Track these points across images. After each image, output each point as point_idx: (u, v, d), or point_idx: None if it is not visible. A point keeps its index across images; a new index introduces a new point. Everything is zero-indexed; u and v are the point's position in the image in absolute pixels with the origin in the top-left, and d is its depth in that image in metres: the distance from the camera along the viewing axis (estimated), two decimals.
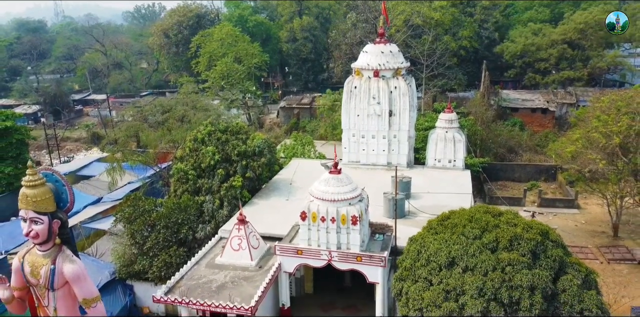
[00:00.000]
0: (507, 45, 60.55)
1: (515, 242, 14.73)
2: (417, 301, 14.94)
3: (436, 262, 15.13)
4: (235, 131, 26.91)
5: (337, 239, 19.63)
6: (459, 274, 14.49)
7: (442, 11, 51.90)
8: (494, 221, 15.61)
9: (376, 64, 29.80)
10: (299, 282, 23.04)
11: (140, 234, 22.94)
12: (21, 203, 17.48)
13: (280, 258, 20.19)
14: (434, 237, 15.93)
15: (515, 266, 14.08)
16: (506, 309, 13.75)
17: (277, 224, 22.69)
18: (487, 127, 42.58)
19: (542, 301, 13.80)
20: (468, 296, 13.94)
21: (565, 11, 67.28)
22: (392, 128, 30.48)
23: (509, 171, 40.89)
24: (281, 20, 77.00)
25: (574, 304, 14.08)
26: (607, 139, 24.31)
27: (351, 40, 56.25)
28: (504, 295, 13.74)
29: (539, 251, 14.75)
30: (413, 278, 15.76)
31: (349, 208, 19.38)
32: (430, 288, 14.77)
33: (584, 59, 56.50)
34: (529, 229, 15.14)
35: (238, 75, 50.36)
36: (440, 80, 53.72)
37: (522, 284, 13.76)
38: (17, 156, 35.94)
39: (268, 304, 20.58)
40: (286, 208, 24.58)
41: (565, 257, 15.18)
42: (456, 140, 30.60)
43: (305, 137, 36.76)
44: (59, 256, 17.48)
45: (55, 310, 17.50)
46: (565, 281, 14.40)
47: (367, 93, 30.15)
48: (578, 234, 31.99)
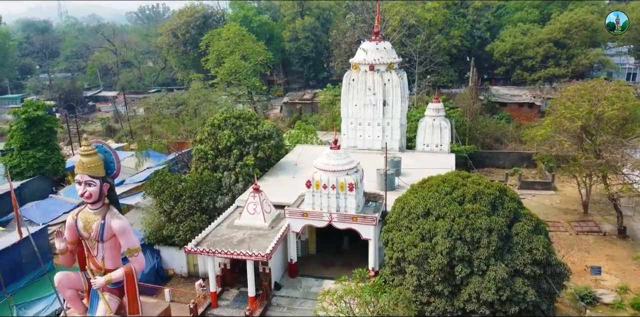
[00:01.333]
0: (497, 44, 64.33)
1: (478, 197, 18.52)
2: (399, 244, 18.73)
3: (415, 213, 18.92)
4: (247, 117, 30.71)
5: (336, 203, 23.44)
6: (433, 221, 18.27)
7: (435, 12, 55.71)
8: (463, 181, 19.41)
9: (372, 59, 33.59)
10: (304, 245, 26.80)
11: (167, 204, 26.73)
12: (77, 169, 23.38)
13: (289, 220, 23.99)
14: (414, 195, 19.73)
15: (477, 214, 17.86)
16: (469, 246, 17.51)
17: (285, 195, 26.39)
18: (474, 118, 46.36)
19: (498, 240, 17.57)
20: (439, 236, 17.71)
21: (553, 12, 71.17)
22: (386, 116, 34.25)
23: (494, 159, 44.72)
24: (284, 21, 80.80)
25: (525, 244, 17.85)
26: (571, 123, 28.09)
27: (350, 39, 59.95)
28: (467, 235, 17.52)
29: (497, 203, 18.54)
30: (397, 228, 19.55)
31: (346, 177, 23.18)
32: (410, 233, 18.55)
33: (569, 57, 60.21)
34: (490, 187, 18.93)
35: (245, 71, 54.14)
36: (434, 76, 57.54)
37: (482, 227, 17.54)
38: (47, 143, 39.64)
39: (279, 259, 24.38)
40: (292, 184, 28.28)
41: (520, 209, 18.98)
42: (442, 127, 34.40)
43: (308, 126, 40.52)
44: (108, 213, 22.30)
45: (103, 259, 21.55)
46: (518, 226, 18.19)
47: (363, 85, 33.94)
48: (552, 212, 35.82)
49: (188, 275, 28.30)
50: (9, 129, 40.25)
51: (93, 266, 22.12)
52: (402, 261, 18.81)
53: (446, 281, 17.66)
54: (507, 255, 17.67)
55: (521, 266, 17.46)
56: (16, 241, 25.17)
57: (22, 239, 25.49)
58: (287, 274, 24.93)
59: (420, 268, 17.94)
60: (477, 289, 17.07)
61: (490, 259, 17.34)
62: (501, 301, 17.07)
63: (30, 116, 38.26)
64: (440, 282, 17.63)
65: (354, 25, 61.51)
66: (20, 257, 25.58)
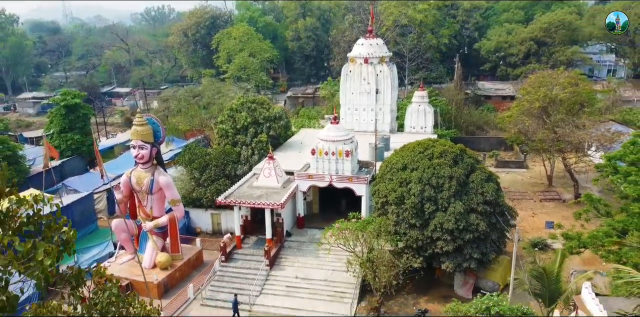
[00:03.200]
0: (484, 43, 70.21)
1: (443, 154, 24.22)
2: (383, 191, 24.43)
3: (395, 168, 24.63)
4: (260, 102, 36.43)
5: (335, 167, 29.14)
6: (408, 172, 23.97)
7: (425, 13, 61.44)
8: (432, 143, 25.13)
9: (366, 53, 39.31)
10: (309, 205, 32.47)
11: (197, 172, 32.44)
12: (132, 135, 31.35)
13: (298, 181, 29.68)
14: (396, 155, 25.45)
15: (442, 166, 23.55)
16: (435, 189, 23.20)
17: (293, 165, 31.99)
18: (458, 108, 52.05)
19: (457, 185, 23.28)
20: (413, 183, 23.41)
21: (537, 13, 76.95)
22: (378, 103, 39.94)
23: (475, 143, 50.32)
24: (286, 21, 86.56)
25: (478, 189, 23.55)
26: (530, 105, 33.80)
27: (349, 38, 65.68)
28: (433, 181, 23.22)
29: (458, 159, 24.25)
30: (382, 181, 25.26)
31: (344, 146, 28.89)
32: (391, 182, 24.25)
33: (549, 54, 65.95)
34: (453, 147, 24.65)
35: (253, 67, 59.89)
36: (424, 72, 63.27)
37: (445, 175, 23.24)
38: (82, 127, 45.42)
39: (289, 213, 30.07)
40: (298, 157, 33.96)
41: (476, 164, 24.69)
42: (426, 112, 40.13)
43: (311, 113, 46.23)
44: (156, 171, 29.08)
45: (151, 208, 27.48)
46: (474, 176, 23.90)
47: (359, 76, 39.64)
48: (523, 185, 41.56)
49: (212, 232, 34.03)
50: (49, 115, 46.07)
51: (143, 214, 28.33)
52: (386, 204, 24.53)
53: (418, 216, 23.36)
54: (464, 196, 23.37)
55: (475, 204, 23.16)
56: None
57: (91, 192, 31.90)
58: (296, 226, 30.64)
59: (399, 207, 23.66)
60: (441, 221, 22.77)
61: (451, 198, 23.05)
62: (459, 229, 22.78)
63: (69, 103, 44.05)
64: (414, 217, 23.33)
65: (352, 25, 67.29)
66: (74, 214, 31.27)
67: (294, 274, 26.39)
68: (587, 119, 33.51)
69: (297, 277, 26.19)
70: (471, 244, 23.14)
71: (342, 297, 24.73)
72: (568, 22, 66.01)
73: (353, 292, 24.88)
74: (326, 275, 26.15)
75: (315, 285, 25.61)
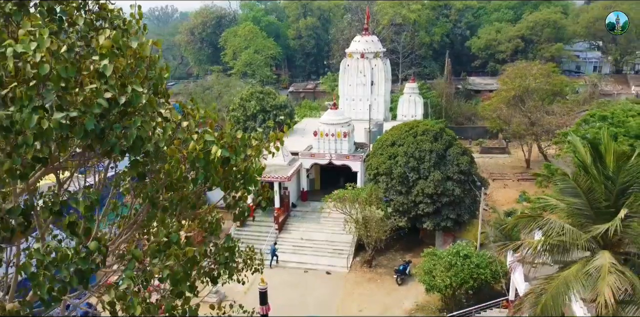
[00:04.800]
0: (474, 41, 74.58)
1: (425, 132, 28.68)
2: (374, 164, 28.93)
3: (385, 144, 29.11)
4: (268, 92, 40.93)
5: (335, 147, 33.62)
6: (396, 147, 28.46)
7: (418, 13, 65.91)
8: (417, 124, 29.62)
9: (362, 49, 43.78)
10: (311, 182, 36.94)
11: None
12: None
13: (302, 159, 34.16)
14: (386, 134, 29.94)
15: (424, 142, 28.02)
16: (417, 161, 27.65)
17: (297, 147, 36.47)
18: (448, 100, 56.51)
19: (436, 157, 27.75)
20: (399, 156, 27.89)
21: (525, 12, 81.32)
22: (373, 94, 44.40)
23: (463, 132, 54.69)
24: (288, 21, 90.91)
25: (454, 160, 28.02)
26: (507, 93, 38.28)
27: (347, 36, 70.04)
28: (416, 154, 27.69)
29: (437, 136, 28.72)
30: (374, 156, 29.75)
31: (342, 128, 33.36)
32: (382, 156, 28.74)
33: (535, 51, 70.36)
34: (434, 126, 29.15)
35: (258, 63, 64.38)
36: (417, 68, 67.72)
37: (426, 149, 27.70)
38: None
39: (294, 187, 34.53)
40: (301, 141, 38.41)
41: (454, 141, 29.16)
42: (416, 102, 44.61)
43: (312, 104, 50.74)
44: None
45: None
46: (451, 150, 28.38)
47: (356, 69, 44.10)
48: (504, 168, 46.03)
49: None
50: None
51: None
52: (377, 175, 29.03)
53: (403, 184, 27.85)
54: (442, 167, 27.86)
55: (451, 173, 27.64)
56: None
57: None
58: (300, 199, 35.13)
59: (387, 177, 28.16)
60: (422, 187, 27.25)
61: (431, 169, 27.53)
62: (437, 194, 27.27)
63: None
64: (400, 184, 27.82)
65: (350, 24, 71.74)
66: None
67: (300, 237, 30.89)
68: (557, 106, 37.94)
69: (302, 238, 30.70)
70: (448, 207, 27.65)
71: (340, 253, 29.25)
72: (553, 20, 70.41)
73: (349, 249, 29.40)
74: (327, 237, 30.66)
75: (317, 244, 30.13)
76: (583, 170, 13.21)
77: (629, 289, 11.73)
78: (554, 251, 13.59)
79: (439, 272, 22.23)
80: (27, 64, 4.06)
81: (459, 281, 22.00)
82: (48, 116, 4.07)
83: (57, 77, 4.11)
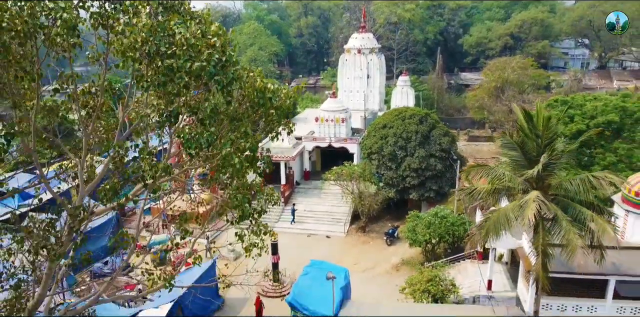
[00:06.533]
0: (466, 39, 78.92)
1: (412, 116, 33.02)
2: (368, 145, 33.27)
3: (378, 127, 33.46)
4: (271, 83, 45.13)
5: (334, 131, 37.95)
6: (387, 129, 32.80)
7: (413, 12, 70.21)
8: (406, 109, 33.96)
9: (359, 45, 48.08)
10: (313, 164, 41.28)
11: None
12: None
13: (305, 142, 38.51)
14: (378, 118, 34.28)
15: (410, 124, 32.36)
16: (405, 141, 31.98)
17: (300, 132, 40.76)
18: (439, 94, 60.83)
19: (421, 137, 32.10)
20: (389, 137, 32.22)
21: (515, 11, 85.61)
22: (369, 86, 48.71)
23: (452, 122, 58.99)
24: (290, 20, 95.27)
25: (437, 140, 32.35)
26: (488, 84, 42.61)
27: (346, 34, 74.41)
28: (404, 135, 32.03)
29: (423, 119, 33.06)
30: (368, 138, 34.09)
31: (340, 114, 37.71)
32: (374, 137, 33.09)
33: (523, 48, 74.63)
34: (420, 111, 33.48)
35: (262, 59, 68.70)
36: (411, 64, 72.02)
37: (412, 130, 32.04)
38: None
39: (298, 167, 38.87)
40: (304, 127, 42.74)
41: (437, 124, 33.51)
42: (408, 94, 48.93)
43: (313, 97, 55.05)
44: None
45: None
46: (434, 131, 32.73)
47: (353, 64, 48.41)
48: (488, 154, 50.25)
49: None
50: None
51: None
52: (370, 154, 33.38)
53: (392, 160, 32.20)
54: (427, 146, 32.21)
55: (434, 151, 32.00)
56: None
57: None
58: (303, 178, 39.48)
59: (379, 155, 32.51)
60: (409, 163, 31.60)
61: (417, 147, 31.88)
62: (422, 169, 31.62)
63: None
64: (390, 161, 32.17)
65: (349, 22, 76.02)
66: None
67: (303, 209, 35.23)
68: (533, 96, 42.26)
69: (305, 210, 35.04)
70: (431, 180, 32.02)
71: (338, 221, 33.61)
72: (540, 19, 74.66)
73: (346, 218, 33.79)
74: (326, 209, 35.03)
75: (318, 215, 34.49)
76: (520, 130, 17.55)
77: (547, 212, 16.10)
78: (500, 193, 17.95)
79: (420, 229, 26.59)
80: (182, 38, 8.37)
81: (436, 236, 26.36)
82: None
83: (195, 46, 8.44)
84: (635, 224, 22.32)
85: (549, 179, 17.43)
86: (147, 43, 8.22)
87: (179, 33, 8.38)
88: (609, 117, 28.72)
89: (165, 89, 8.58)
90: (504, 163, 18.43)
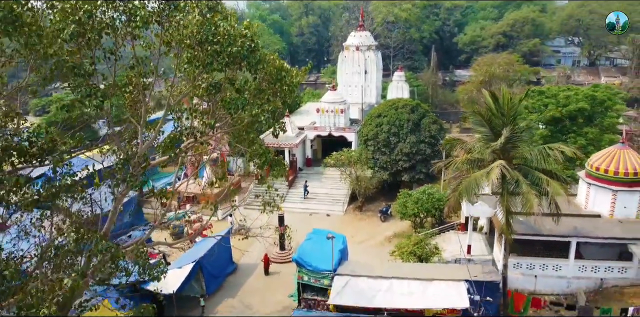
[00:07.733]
0: (461, 37, 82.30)
1: (404, 106, 36.44)
2: (364, 132, 36.70)
3: (373, 116, 36.88)
4: None
5: (334, 121, 41.38)
6: (382, 118, 36.22)
7: (409, 11, 73.63)
8: (399, 100, 37.38)
9: (357, 42, 51.48)
10: (314, 152, 44.70)
11: None
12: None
13: (307, 132, 41.94)
14: (374, 109, 37.71)
15: (402, 113, 35.77)
16: (397, 128, 35.39)
17: (302, 123, 44.19)
18: (434, 89, 64.23)
19: (412, 125, 35.52)
20: (383, 125, 35.63)
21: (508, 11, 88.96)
22: (367, 81, 52.07)
23: (446, 116, 62.43)
24: (291, 19, 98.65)
25: (426, 128, 35.76)
26: (475, 79, 46.00)
27: (345, 33, 77.77)
28: (397, 123, 35.45)
29: (414, 109, 36.48)
30: (364, 126, 37.50)
31: (339, 105, 41.13)
32: (370, 125, 36.50)
33: (515, 46, 77.93)
34: (412, 102, 36.89)
35: None
36: (407, 61, 75.40)
37: (404, 118, 35.46)
38: None
39: (300, 155, 42.29)
40: (305, 119, 46.15)
41: (427, 113, 36.92)
42: (403, 88, 52.36)
43: (314, 92, 58.49)
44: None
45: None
46: (424, 120, 36.14)
47: (352, 60, 51.79)
48: None
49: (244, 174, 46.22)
50: None
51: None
52: (366, 141, 36.79)
53: (386, 146, 35.61)
54: (417, 132, 35.62)
55: (424, 138, 35.41)
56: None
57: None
58: (305, 165, 42.92)
59: (374, 141, 35.93)
60: (401, 148, 35.02)
61: (408, 134, 35.29)
62: (413, 153, 35.02)
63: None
64: (384, 147, 35.58)
65: (349, 22, 79.39)
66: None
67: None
68: (518, 89, 45.61)
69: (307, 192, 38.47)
70: (421, 163, 35.45)
71: (337, 202, 37.03)
72: (532, 18, 77.97)
73: (344, 199, 37.21)
74: (327, 191, 38.46)
75: (319, 196, 37.92)
76: (488, 110, 20.96)
77: (510, 178, 19.52)
78: (474, 164, 21.36)
79: (410, 204, 30.00)
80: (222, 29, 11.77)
81: (424, 211, 29.77)
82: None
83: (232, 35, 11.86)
84: (596, 195, 25.76)
85: (513, 152, 20.85)
86: (199, 33, 11.61)
87: (222, 26, 11.79)
88: (580, 105, 32.10)
89: (212, 67, 11.97)
90: (477, 139, 21.83)
